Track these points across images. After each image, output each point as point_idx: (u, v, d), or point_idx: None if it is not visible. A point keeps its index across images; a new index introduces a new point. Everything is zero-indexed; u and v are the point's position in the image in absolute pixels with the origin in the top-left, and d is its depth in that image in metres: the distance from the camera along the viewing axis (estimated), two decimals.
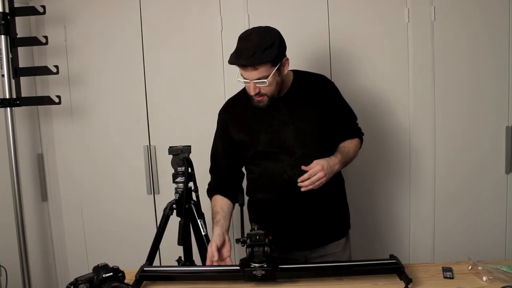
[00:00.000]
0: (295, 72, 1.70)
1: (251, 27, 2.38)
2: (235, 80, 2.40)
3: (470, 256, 1.49)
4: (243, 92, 1.69)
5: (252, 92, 1.53)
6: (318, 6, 2.34)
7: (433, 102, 2.37)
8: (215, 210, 1.68)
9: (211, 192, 1.77)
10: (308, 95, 1.66)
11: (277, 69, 1.51)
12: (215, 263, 1.51)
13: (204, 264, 1.86)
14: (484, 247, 2.40)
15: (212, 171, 1.82)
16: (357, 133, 1.78)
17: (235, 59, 1.50)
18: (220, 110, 1.78)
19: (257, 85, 1.52)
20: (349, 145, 1.69)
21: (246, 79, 1.52)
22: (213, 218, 1.66)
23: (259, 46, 1.47)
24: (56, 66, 2.25)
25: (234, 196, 1.73)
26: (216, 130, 1.78)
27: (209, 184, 1.80)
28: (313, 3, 2.34)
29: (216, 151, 1.80)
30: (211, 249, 1.53)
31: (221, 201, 1.70)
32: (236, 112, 1.73)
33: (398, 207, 2.46)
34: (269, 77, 1.50)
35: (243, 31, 1.58)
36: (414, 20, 2.33)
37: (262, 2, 2.38)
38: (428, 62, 2.34)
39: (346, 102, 1.76)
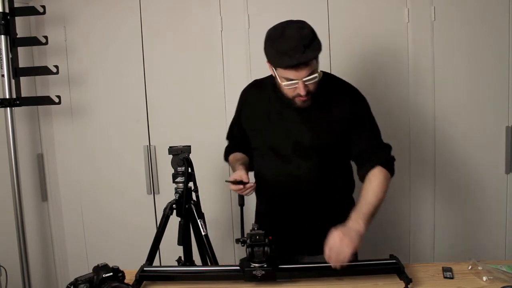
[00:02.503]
0: (325, 73, 1.53)
1: (251, 27, 2.39)
2: (235, 80, 2.43)
3: (470, 256, 1.49)
4: (266, 83, 1.62)
5: (302, 92, 1.41)
6: (318, 6, 2.34)
7: (433, 102, 2.37)
8: (236, 159, 1.71)
9: (227, 153, 1.81)
10: (326, 105, 1.53)
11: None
12: (239, 185, 1.53)
13: (202, 264, 1.87)
14: (484, 247, 2.41)
15: (228, 137, 1.85)
16: (384, 160, 1.53)
17: (286, 59, 1.36)
18: (243, 89, 1.74)
19: (306, 83, 1.41)
20: (374, 189, 1.45)
21: (293, 79, 1.40)
22: (233, 167, 1.70)
23: (304, 40, 1.36)
24: (56, 66, 2.25)
25: (250, 156, 1.73)
26: (237, 105, 1.78)
27: (225, 148, 1.83)
28: (313, 3, 2.34)
29: (233, 122, 1.82)
30: (241, 172, 1.55)
31: (239, 155, 1.73)
32: (252, 100, 1.68)
33: (398, 207, 2.46)
34: (318, 71, 1.41)
35: (273, 29, 1.43)
36: (414, 20, 2.33)
37: (262, 2, 2.38)
38: (428, 62, 2.35)
39: (375, 124, 1.59)
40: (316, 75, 1.41)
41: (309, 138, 1.54)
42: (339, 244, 1.30)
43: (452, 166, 2.41)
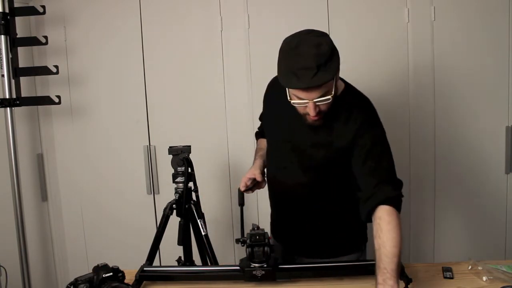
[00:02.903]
0: (347, 87, 1.45)
1: (251, 27, 2.38)
2: (235, 80, 2.43)
3: (470, 256, 1.49)
4: None
5: (313, 112, 1.29)
6: (318, 6, 2.34)
7: (433, 102, 2.37)
8: (260, 147, 1.73)
9: (258, 135, 1.81)
10: (339, 121, 1.40)
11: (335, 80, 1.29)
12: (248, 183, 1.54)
13: (202, 264, 1.87)
14: (484, 247, 2.41)
15: (260, 118, 1.77)
16: (391, 197, 1.36)
17: (294, 80, 1.23)
18: (270, 81, 1.62)
19: (317, 103, 1.28)
20: (393, 238, 1.30)
21: (303, 99, 1.27)
22: (256, 152, 1.71)
23: (319, 59, 1.21)
24: (56, 66, 2.25)
25: None
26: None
27: (258, 128, 1.82)
28: (313, 3, 2.34)
29: (263, 111, 1.70)
30: (255, 170, 1.56)
31: (263, 143, 1.72)
32: (273, 93, 1.57)
33: None
34: (332, 93, 1.27)
35: (288, 41, 1.28)
36: (414, 20, 2.33)
37: (262, 2, 2.38)
38: (428, 62, 2.35)
39: (386, 155, 1.41)
40: (329, 97, 1.27)
41: (316, 152, 1.44)
42: None
43: (452, 166, 2.41)
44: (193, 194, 1.89)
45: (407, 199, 2.42)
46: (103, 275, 1.27)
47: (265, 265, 1.36)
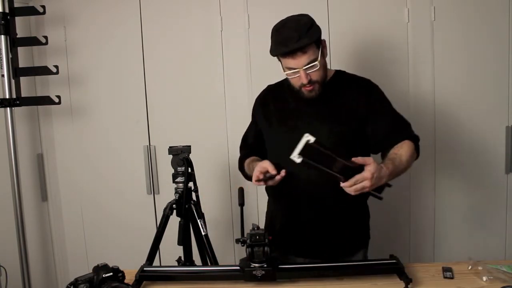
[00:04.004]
0: (337, 71, 1.65)
1: (251, 27, 2.40)
2: (235, 80, 2.43)
3: (470, 256, 1.49)
4: (282, 83, 1.67)
5: (304, 80, 1.46)
6: (318, 6, 2.34)
7: (433, 101, 2.37)
8: (252, 160, 1.66)
9: (242, 161, 1.75)
10: (342, 98, 1.57)
11: (320, 51, 1.47)
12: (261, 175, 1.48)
13: (202, 264, 1.86)
14: (484, 247, 2.40)
15: (242, 147, 1.81)
16: (408, 136, 1.57)
17: (282, 47, 1.43)
18: (258, 96, 1.76)
19: (307, 71, 1.46)
20: (401, 152, 1.49)
21: (294, 68, 1.46)
22: (251, 167, 1.63)
23: (301, 29, 1.43)
24: (56, 66, 2.25)
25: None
26: (252, 112, 1.78)
27: (239, 159, 1.78)
28: (313, 3, 2.34)
29: (248, 131, 1.80)
30: (266, 163, 1.49)
31: (255, 157, 1.68)
32: (269, 100, 1.70)
33: (398, 207, 2.46)
34: (318, 59, 1.45)
35: (276, 23, 1.51)
36: (414, 20, 2.33)
37: (262, 2, 2.38)
38: (428, 62, 2.35)
39: (393, 109, 1.63)
40: (316, 63, 1.45)
41: (326, 130, 1.53)
42: (375, 176, 1.33)
43: (452, 166, 2.41)
44: (193, 194, 1.89)
45: (407, 199, 2.44)
46: (103, 275, 1.27)
47: (265, 265, 1.36)
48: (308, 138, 1.26)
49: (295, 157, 1.27)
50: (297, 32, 1.42)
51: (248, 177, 1.70)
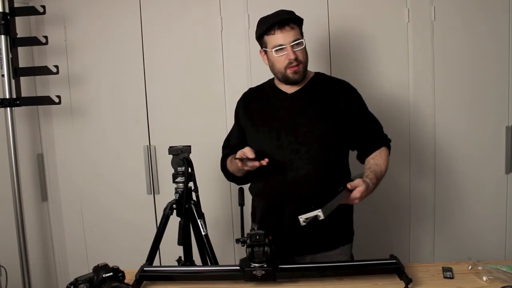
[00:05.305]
0: (317, 72, 1.73)
1: (251, 27, 2.40)
2: (235, 80, 2.43)
3: (470, 256, 1.49)
4: (263, 85, 1.78)
5: (292, 55, 1.55)
6: (318, 6, 2.34)
7: (433, 102, 2.37)
8: (233, 157, 1.65)
9: (224, 159, 1.80)
10: (322, 96, 1.65)
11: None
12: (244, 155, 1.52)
13: (202, 264, 1.86)
14: (484, 247, 2.40)
15: (224, 147, 1.87)
16: (384, 141, 1.69)
17: (274, 18, 1.56)
18: (239, 99, 1.84)
19: (294, 49, 1.55)
20: (380, 162, 1.61)
21: (282, 45, 1.55)
22: (232, 163, 1.69)
23: (288, 12, 1.59)
24: (56, 66, 2.25)
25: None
26: (234, 114, 1.85)
27: (221, 159, 1.82)
28: (313, 3, 2.34)
29: (231, 132, 1.87)
30: (247, 148, 1.53)
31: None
32: (249, 100, 1.78)
33: (398, 207, 2.46)
34: (303, 39, 1.58)
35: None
36: (414, 20, 2.33)
37: (262, 2, 2.37)
38: (428, 62, 2.35)
39: (370, 111, 1.72)
40: (302, 41, 1.57)
41: (308, 125, 1.60)
42: (364, 193, 1.44)
43: (452, 166, 2.41)
44: (193, 194, 1.88)
45: (407, 199, 2.44)
46: (103, 275, 1.27)
47: (265, 265, 1.36)
48: (319, 214, 1.30)
49: (301, 220, 1.32)
50: (286, 13, 1.59)
51: (230, 176, 1.77)
